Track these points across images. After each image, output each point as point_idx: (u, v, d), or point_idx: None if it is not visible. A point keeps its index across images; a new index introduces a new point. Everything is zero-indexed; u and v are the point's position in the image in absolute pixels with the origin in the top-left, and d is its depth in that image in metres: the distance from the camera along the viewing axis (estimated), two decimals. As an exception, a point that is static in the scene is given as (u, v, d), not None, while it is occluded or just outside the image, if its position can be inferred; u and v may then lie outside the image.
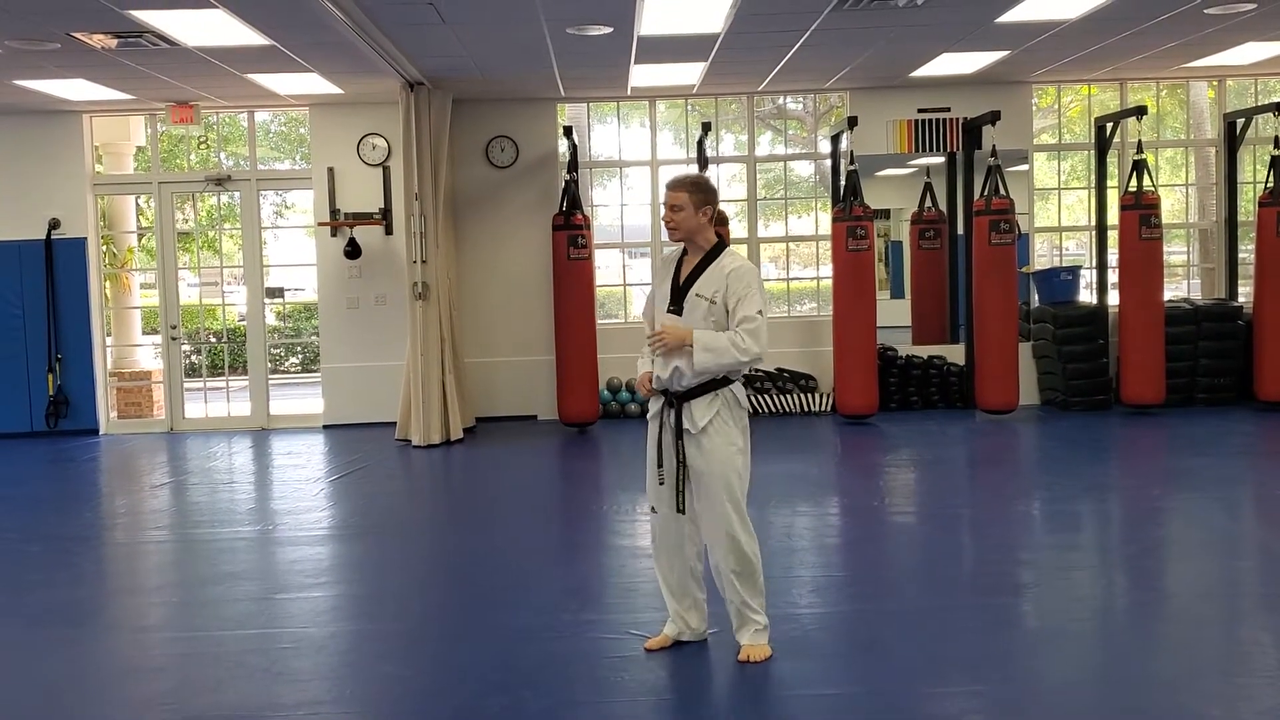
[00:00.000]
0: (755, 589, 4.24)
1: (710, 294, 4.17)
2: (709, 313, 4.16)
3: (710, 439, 4.17)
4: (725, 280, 4.17)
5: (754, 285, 4.17)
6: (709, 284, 4.20)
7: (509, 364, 10.76)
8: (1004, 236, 9.76)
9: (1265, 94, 11.19)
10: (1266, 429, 9.36)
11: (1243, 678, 4.07)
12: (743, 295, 4.13)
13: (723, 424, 4.18)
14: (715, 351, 4.09)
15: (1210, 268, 11.72)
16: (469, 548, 6.35)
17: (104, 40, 7.63)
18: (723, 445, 4.17)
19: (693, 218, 4.21)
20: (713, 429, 4.17)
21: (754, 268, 4.29)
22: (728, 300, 4.15)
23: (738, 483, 4.18)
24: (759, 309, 4.13)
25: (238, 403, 11.27)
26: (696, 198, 4.21)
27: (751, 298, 4.13)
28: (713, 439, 4.17)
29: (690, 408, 4.17)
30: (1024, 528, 6.54)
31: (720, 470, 4.16)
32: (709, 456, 4.16)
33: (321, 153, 10.65)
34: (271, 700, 4.06)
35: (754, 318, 4.10)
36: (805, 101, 13.71)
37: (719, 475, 4.16)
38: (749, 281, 4.17)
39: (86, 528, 7.20)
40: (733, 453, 4.18)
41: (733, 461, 4.17)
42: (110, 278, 11.26)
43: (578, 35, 7.95)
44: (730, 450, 4.17)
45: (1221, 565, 5.66)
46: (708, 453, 4.16)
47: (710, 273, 4.22)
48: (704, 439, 4.17)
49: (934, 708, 3.85)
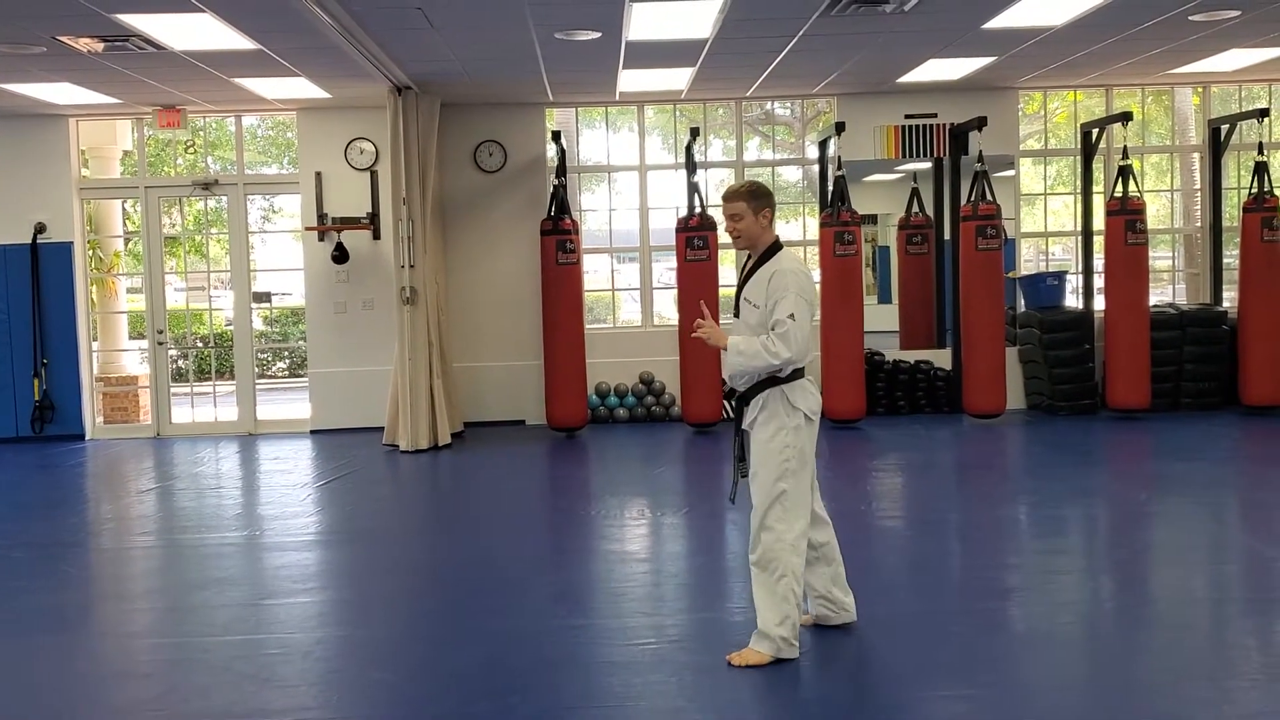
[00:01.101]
0: (768, 591, 4.23)
1: (755, 299, 4.31)
2: (752, 315, 4.32)
3: (755, 435, 4.30)
4: (768, 284, 4.27)
5: (790, 288, 4.20)
6: (756, 289, 4.32)
7: (497, 369, 10.75)
8: (990, 241, 9.80)
9: (1249, 100, 11.26)
10: (1251, 434, 9.41)
11: (1228, 681, 4.09)
12: (779, 298, 4.20)
13: (765, 422, 4.27)
14: (746, 355, 4.22)
15: (1195, 273, 11.79)
16: (457, 553, 6.35)
17: (90, 44, 7.61)
18: (764, 441, 4.26)
19: (754, 224, 4.34)
20: (758, 425, 4.29)
21: (797, 270, 4.31)
22: (768, 303, 4.24)
23: (771, 478, 4.23)
24: (790, 312, 4.16)
25: (224, 408, 11.24)
26: (754, 204, 4.33)
27: (785, 301, 4.18)
28: (756, 435, 4.29)
29: (746, 408, 4.33)
30: (1011, 532, 6.56)
31: (758, 465, 4.27)
32: (752, 452, 4.31)
33: (309, 157, 10.63)
34: (259, 706, 4.05)
35: (784, 321, 4.16)
36: (793, 107, 13.74)
37: (757, 469, 4.27)
38: (786, 284, 4.21)
39: (73, 533, 7.16)
40: (771, 449, 4.24)
41: (770, 458, 4.23)
42: (96, 282, 11.22)
43: (566, 40, 7.95)
44: (769, 447, 4.24)
45: (1207, 570, 5.70)
46: (752, 448, 4.31)
47: (758, 277, 4.33)
48: (751, 435, 4.31)
49: (923, 712, 3.86)
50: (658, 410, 10.71)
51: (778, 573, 4.21)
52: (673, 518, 6.93)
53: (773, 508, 4.23)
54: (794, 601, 4.21)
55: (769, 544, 4.23)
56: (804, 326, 4.19)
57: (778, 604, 4.20)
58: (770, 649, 4.22)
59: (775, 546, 4.22)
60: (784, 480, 4.22)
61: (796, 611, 4.24)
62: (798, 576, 4.24)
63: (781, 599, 4.20)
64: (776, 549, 4.21)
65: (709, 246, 9.87)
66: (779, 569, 4.21)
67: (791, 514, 4.23)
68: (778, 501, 4.22)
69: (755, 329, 4.29)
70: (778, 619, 4.20)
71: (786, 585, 4.20)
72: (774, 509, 4.23)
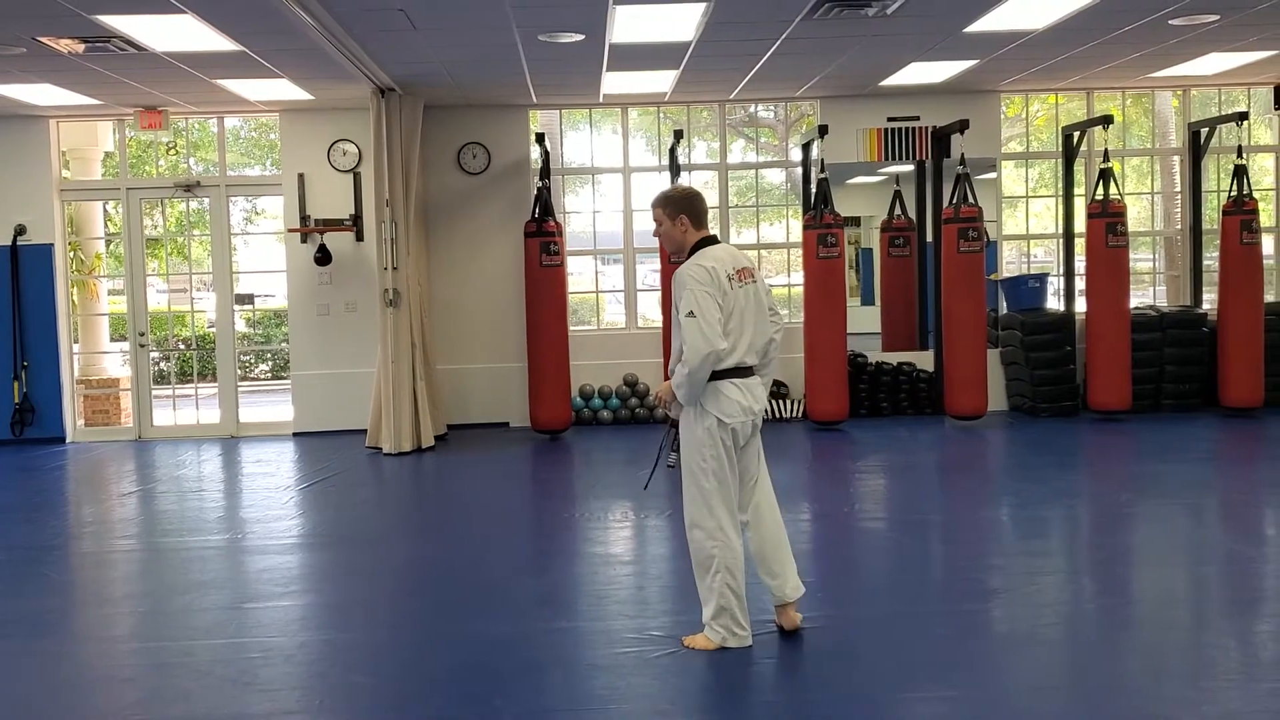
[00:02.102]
0: (705, 587, 4.39)
1: (674, 300, 4.38)
2: (676, 321, 4.37)
3: (681, 433, 4.47)
4: (674, 284, 4.38)
5: (687, 284, 4.28)
6: (673, 291, 4.41)
7: (481, 371, 10.74)
8: (972, 244, 9.84)
9: (1228, 104, 11.33)
10: (1231, 435, 9.47)
11: (1208, 681, 4.12)
12: (679, 298, 4.31)
13: (686, 422, 4.42)
14: (676, 381, 4.34)
15: (1175, 275, 11.86)
16: (440, 556, 6.34)
17: (71, 45, 7.57)
18: (685, 440, 4.42)
19: (672, 230, 4.46)
20: (682, 424, 4.45)
21: (692, 268, 4.31)
22: (675, 303, 4.35)
23: (691, 476, 4.38)
24: (689, 309, 4.23)
25: (207, 410, 11.20)
26: (668, 210, 4.46)
27: (682, 300, 4.28)
28: (681, 433, 4.45)
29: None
30: (993, 533, 6.59)
31: (684, 461, 4.42)
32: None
33: (292, 158, 10.61)
34: (241, 710, 4.04)
35: (680, 322, 4.28)
36: (776, 110, 13.78)
37: (684, 465, 4.42)
38: (681, 282, 4.31)
39: (53, 537, 7.12)
40: (690, 447, 4.38)
41: (690, 456, 4.38)
42: (77, 284, 11.17)
43: (549, 42, 7.95)
44: (688, 445, 4.40)
45: (1187, 570, 5.73)
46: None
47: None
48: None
49: (905, 713, 3.88)
50: (641, 412, 10.72)
51: (710, 569, 4.34)
52: (656, 520, 6.93)
53: (695, 504, 4.38)
54: (732, 592, 4.33)
55: (698, 541, 4.37)
56: (706, 317, 4.21)
57: (714, 599, 4.35)
58: (716, 639, 4.37)
59: (704, 543, 4.35)
60: (704, 478, 4.33)
61: (736, 599, 4.35)
62: (731, 568, 4.33)
63: (718, 594, 4.33)
64: (705, 545, 4.34)
65: (692, 249, 9.86)
66: (710, 565, 4.34)
67: (715, 510, 4.33)
68: (699, 497, 4.35)
69: (677, 330, 4.38)
70: (712, 613, 4.36)
71: (721, 580, 4.33)
72: (696, 506, 4.37)
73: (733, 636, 4.36)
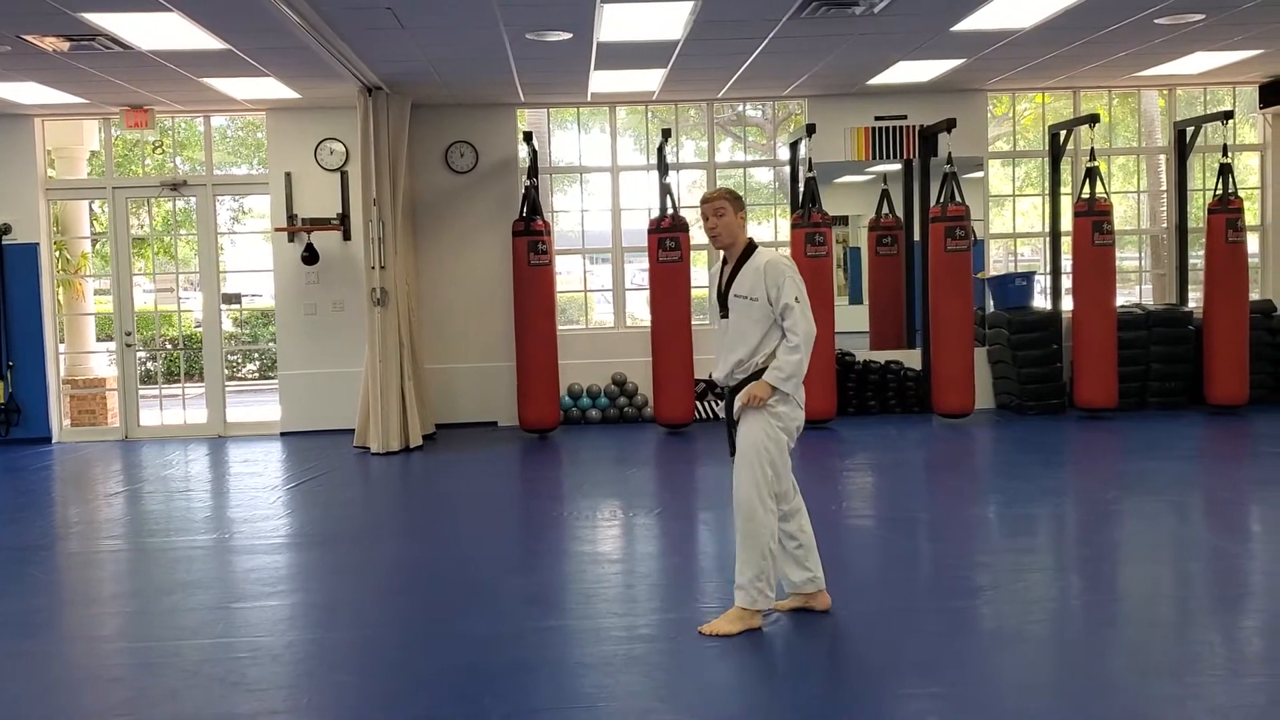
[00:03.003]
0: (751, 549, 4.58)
1: (749, 292, 4.57)
2: (750, 310, 4.57)
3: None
4: (761, 276, 4.55)
5: (786, 273, 4.54)
6: (746, 283, 4.59)
7: (469, 370, 10.73)
8: (960, 242, 9.86)
9: (1214, 103, 11.39)
10: (1216, 432, 9.52)
11: (1193, 677, 4.13)
12: (780, 285, 4.52)
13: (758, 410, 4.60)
14: (787, 373, 4.53)
15: (1161, 273, 11.91)
16: (428, 555, 6.33)
17: (56, 43, 7.54)
18: (756, 425, 4.59)
19: (734, 222, 4.65)
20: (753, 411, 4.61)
21: (784, 259, 4.68)
22: (769, 293, 4.53)
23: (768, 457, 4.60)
24: (795, 295, 4.52)
25: (194, 410, 11.16)
26: (734, 204, 4.66)
27: (785, 287, 4.51)
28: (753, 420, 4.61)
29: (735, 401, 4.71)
30: (981, 531, 6.61)
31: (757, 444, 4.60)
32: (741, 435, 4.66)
33: (279, 157, 10.58)
34: (228, 710, 4.03)
35: (791, 306, 4.51)
36: (764, 108, 13.79)
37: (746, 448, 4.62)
38: (780, 270, 4.54)
39: (40, 537, 7.10)
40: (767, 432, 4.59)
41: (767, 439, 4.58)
42: (63, 284, 11.12)
43: (537, 41, 7.95)
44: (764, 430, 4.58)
45: (1173, 567, 5.76)
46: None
47: (745, 272, 4.61)
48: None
49: (893, 709, 3.89)
50: (630, 411, 10.72)
51: (763, 536, 4.55)
52: (645, 518, 6.94)
53: (761, 483, 4.57)
54: (771, 557, 4.58)
55: (759, 514, 4.57)
56: (807, 304, 4.57)
57: (757, 561, 4.55)
58: (748, 601, 4.55)
59: (764, 517, 4.57)
60: (777, 458, 4.60)
61: (771, 565, 4.59)
62: (774, 537, 4.59)
63: (761, 556, 4.54)
64: (766, 519, 4.57)
65: (681, 248, 9.90)
66: (764, 533, 4.55)
67: (774, 487, 4.60)
68: (769, 475, 4.58)
69: (757, 321, 4.57)
70: (755, 574, 4.55)
71: (766, 544, 4.55)
72: (763, 483, 4.57)
73: (763, 598, 4.56)
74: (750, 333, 4.58)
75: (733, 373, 4.65)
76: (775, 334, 4.57)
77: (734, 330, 4.64)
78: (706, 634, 4.53)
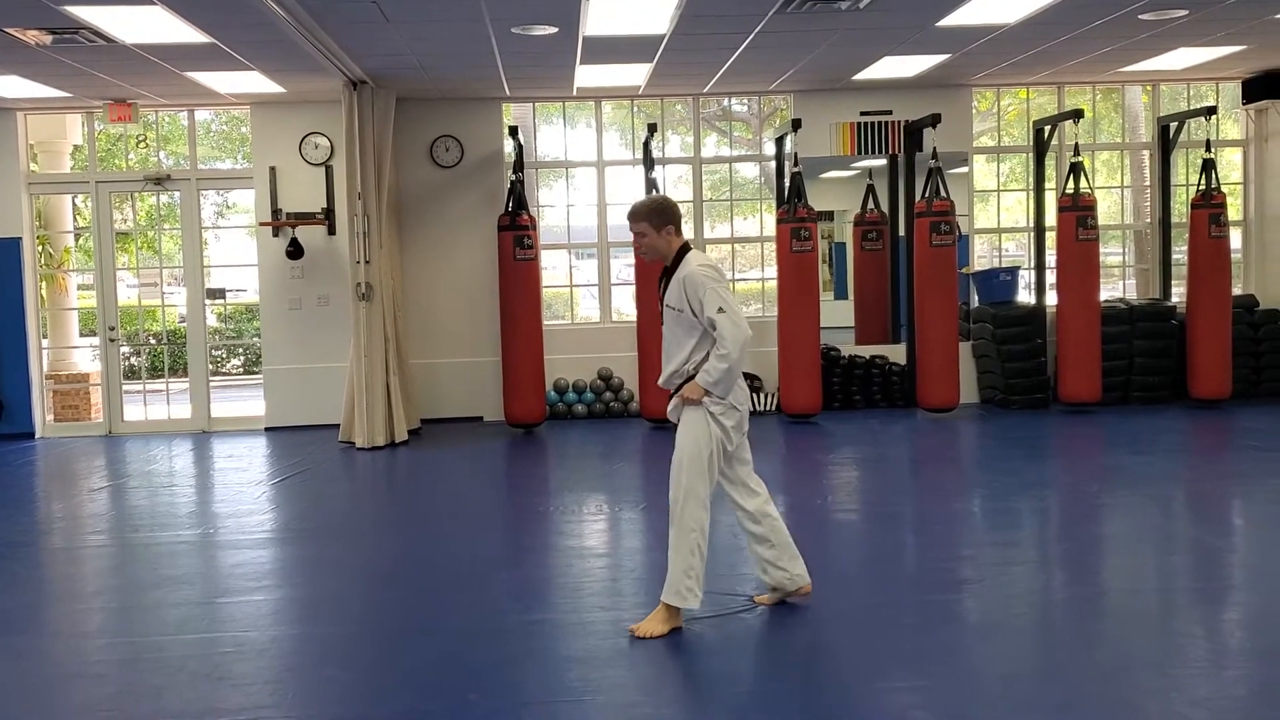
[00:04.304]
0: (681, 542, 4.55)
1: (676, 303, 4.57)
2: (679, 319, 4.57)
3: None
4: (683, 288, 4.54)
5: (706, 285, 4.48)
6: (674, 294, 4.59)
7: (454, 365, 10.72)
8: (944, 238, 9.89)
9: (1197, 98, 11.44)
10: (1199, 427, 9.57)
11: (1176, 669, 4.16)
12: (702, 298, 4.47)
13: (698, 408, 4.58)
14: (714, 378, 4.48)
15: (1145, 268, 11.96)
16: (413, 550, 6.32)
17: (39, 36, 7.49)
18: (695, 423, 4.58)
19: (658, 239, 4.62)
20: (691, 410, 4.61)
21: (703, 268, 4.56)
22: (691, 306, 4.51)
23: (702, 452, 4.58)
24: (718, 306, 4.44)
25: (178, 405, 11.12)
26: (655, 222, 4.62)
27: (707, 299, 4.46)
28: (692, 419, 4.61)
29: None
30: (965, 525, 6.63)
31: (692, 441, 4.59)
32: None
33: (263, 152, 10.54)
34: (213, 705, 4.02)
35: (715, 319, 4.44)
36: (750, 104, 13.81)
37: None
38: (699, 283, 4.48)
39: (23, 533, 7.06)
40: (701, 430, 4.56)
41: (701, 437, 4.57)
42: (46, 278, 11.06)
43: (522, 35, 7.94)
44: (701, 428, 4.56)
45: (1156, 560, 5.79)
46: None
47: (673, 284, 4.60)
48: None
49: (876, 703, 3.90)
50: (616, 406, 10.72)
51: (693, 529, 4.53)
52: (631, 513, 6.95)
53: (697, 477, 4.56)
54: (701, 553, 4.55)
55: (691, 509, 4.55)
56: (735, 310, 4.49)
57: (685, 556, 4.52)
58: (676, 599, 4.50)
59: (697, 512, 4.55)
60: (709, 456, 4.57)
61: (700, 561, 4.56)
62: (705, 532, 4.58)
63: (690, 551, 4.52)
64: (698, 514, 4.55)
65: (666, 242, 9.87)
66: (695, 526, 4.53)
67: (709, 483, 4.60)
68: (704, 471, 4.57)
69: (688, 330, 4.56)
70: (683, 569, 4.52)
71: (695, 539, 4.53)
72: (698, 479, 4.56)
73: (691, 596, 4.51)
74: (684, 341, 4.58)
75: (670, 379, 4.66)
76: (706, 340, 4.54)
77: (669, 338, 4.65)
78: (639, 636, 4.46)
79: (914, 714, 3.79)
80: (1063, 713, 3.76)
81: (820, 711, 3.83)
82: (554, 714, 3.87)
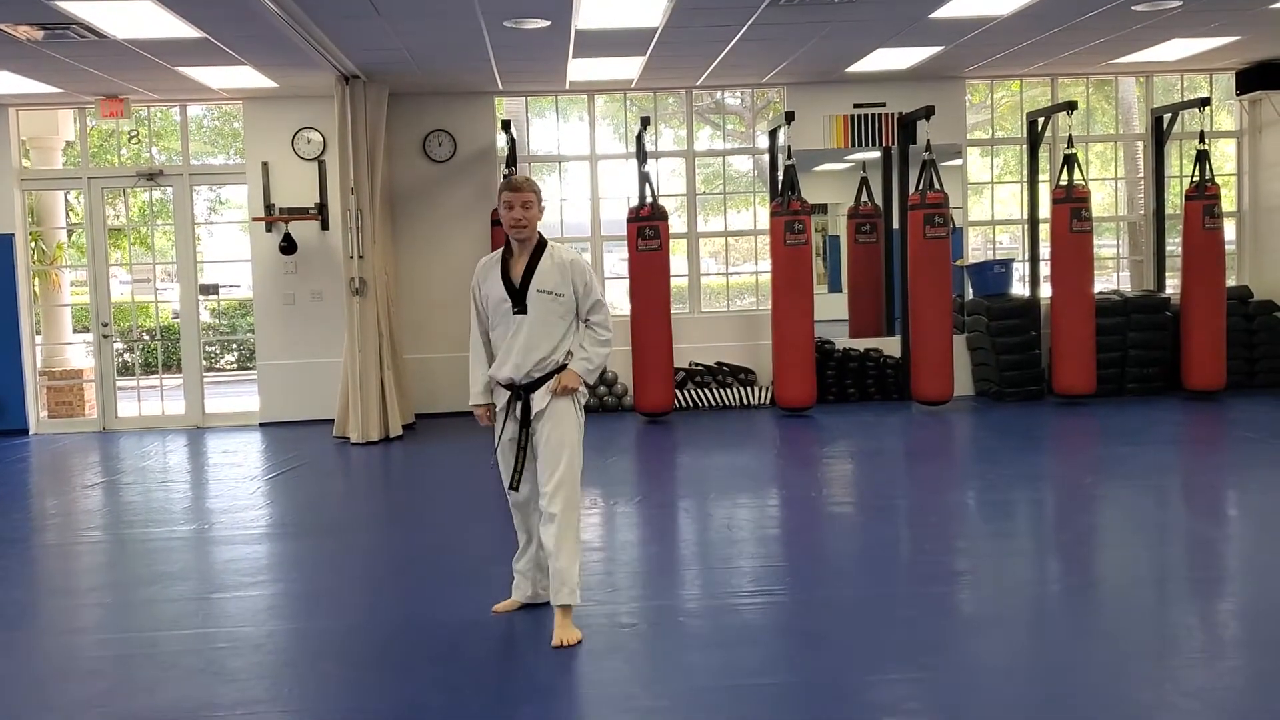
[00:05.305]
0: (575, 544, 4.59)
1: (554, 288, 4.51)
2: (554, 306, 4.51)
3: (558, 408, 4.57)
4: (568, 271, 4.53)
5: (588, 270, 4.60)
6: (550, 279, 4.51)
7: (448, 360, 10.67)
8: (938, 230, 9.89)
9: (1190, 89, 11.44)
10: (1193, 418, 9.58)
11: (1171, 661, 4.17)
12: (588, 281, 4.56)
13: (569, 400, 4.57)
14: (596, 364, 4.58)
15: (1139, 260, 11.97)
16: (408, 545, 6.32)
17: (30, 32, 7.47)
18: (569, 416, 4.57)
19: (539, 215, 4.56)
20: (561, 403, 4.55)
21: (580, 256, 4.68)
22: (576, 289, 4.53)
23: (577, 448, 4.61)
24: (601, 290, 4.64)
25: (172, 401, 11.10)
26: (539, 198, 4.56)
27: (593, 283, 4.58)
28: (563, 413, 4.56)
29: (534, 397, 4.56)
30: (960, 517, 6.64)
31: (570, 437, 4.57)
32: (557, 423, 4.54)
33: (255, 147, 10.51)
34: (208, 700, 4.01)
35: (601, 301, 4.59)
36: (743, 96, 13.79)
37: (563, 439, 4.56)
38: (583, 268, 4.58)
39: (16, 529, 7.04)
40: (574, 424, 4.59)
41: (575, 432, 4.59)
42: (39, 275, 11.03)
43: (515, 28, 7.92)
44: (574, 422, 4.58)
45: (1151, 552, 5.79)
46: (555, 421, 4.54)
47: (544, 268, 4.52)
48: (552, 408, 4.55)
49: (872, 695, 3.90)
50: (610, 400, 10.72)
51: (578, 529, 4.59)
52: (625, 507, 6.94)
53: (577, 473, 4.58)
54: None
55: (576, 506, 4.58)
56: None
57: (578, 557, 4.57)
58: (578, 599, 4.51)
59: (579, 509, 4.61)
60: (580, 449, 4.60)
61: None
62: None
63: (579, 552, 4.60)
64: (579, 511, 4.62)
65: (660, 236, 9.89)
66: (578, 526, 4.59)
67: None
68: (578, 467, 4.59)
69: (562, 317, 4.52)
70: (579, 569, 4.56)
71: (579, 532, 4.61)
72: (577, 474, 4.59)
73: (582, 591, 4.58)
74: (555, 329, 4.51)
75: (531, 370, 4.51)
76: (574, 330, 4.56)
77: (536, 326, 4.48)
78: (568, 645, 4.34)
79: (909, 705, 3.80)
80: (1057, 704, 3.77)
81: (815, 704, 3.83)
82: (551, 708, 3.88)
